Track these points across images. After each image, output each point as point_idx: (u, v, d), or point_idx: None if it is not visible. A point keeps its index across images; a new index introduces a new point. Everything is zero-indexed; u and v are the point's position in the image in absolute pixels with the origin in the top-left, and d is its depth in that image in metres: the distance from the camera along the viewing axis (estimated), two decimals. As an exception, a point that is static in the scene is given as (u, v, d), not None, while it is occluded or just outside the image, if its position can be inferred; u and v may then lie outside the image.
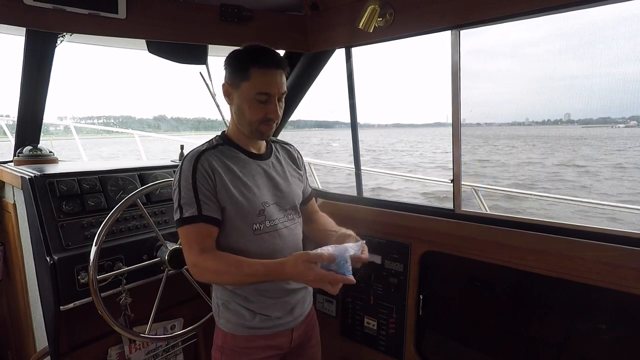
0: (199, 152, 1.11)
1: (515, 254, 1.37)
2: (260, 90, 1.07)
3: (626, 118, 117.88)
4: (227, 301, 1.16)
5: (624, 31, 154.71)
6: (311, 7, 1.75)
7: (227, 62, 1.12)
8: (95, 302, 1.26)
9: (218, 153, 1.13)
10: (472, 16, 1.31)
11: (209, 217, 1.06)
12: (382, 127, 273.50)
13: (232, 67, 1.11)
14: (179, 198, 1.07)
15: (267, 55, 1.09)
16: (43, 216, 1.32)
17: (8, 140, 4.09)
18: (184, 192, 1.07)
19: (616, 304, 1.26)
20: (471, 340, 1.63)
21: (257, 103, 1.08)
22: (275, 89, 1.08)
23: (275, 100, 1.10)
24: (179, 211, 1.07)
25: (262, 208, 1.13)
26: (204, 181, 1.07)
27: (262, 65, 1.07)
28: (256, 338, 1.16)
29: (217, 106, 2.01)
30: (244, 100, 1.09)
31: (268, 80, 1.07)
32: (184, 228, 1.06)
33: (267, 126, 1.12)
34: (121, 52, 14.21)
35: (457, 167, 1.54)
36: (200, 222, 1.05)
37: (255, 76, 1.06)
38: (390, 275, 1.72)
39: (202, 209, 1.05)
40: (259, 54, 1.09)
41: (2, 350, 1.92)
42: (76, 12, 1.41)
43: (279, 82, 1.09)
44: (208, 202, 1.07)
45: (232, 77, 1.11)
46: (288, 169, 1.27)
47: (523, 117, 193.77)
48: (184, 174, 1.08)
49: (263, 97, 1.08)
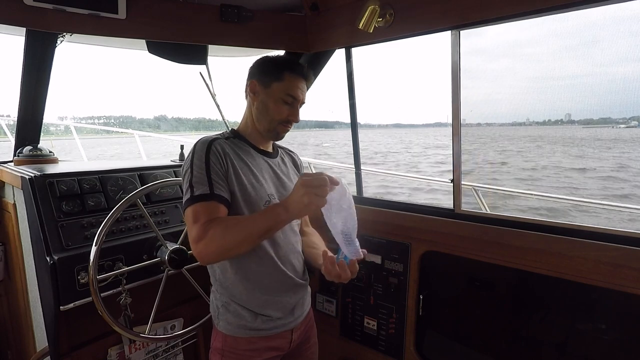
0: (212, 137, 1.15)
1: (515, 254, 1.37)
2: (290, 93, 1.16)
3: (627, 118, 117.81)
4: (226, 302, 1.16)
5: (624, 30, 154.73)
6: (311, 8, 1.75)
7: (260, 64, 1.21)
8: (95, 302, 1.25)
9: (230, 143, 1.18)
10: (472, 16, 1.31)
11: (221, 197, 1.05)
12: (383, 127, 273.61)
13: (265, 67, 1.20)
14: (190, 178, 1.05)
15: (300, 65, 1.21)
16: (43, 216, 1.32)
17: (8, 140, 4.09)
18: (196, 171, 1.06)
19: (616, 304, 1.26)
20: (471, 340, 1.63)
21: (283, 104, 1.17)
22: (301, 94, 1.19)
23: (297, 106, 1.20)
24: (190, 190, 1.04)
25: (268, 199, 1.15)
26: (217, 162, 1.08)
27: (295, 72, 1.18)
28: (257, 340, 1.16)
29: (217, 106, 2.01)
30: (272, 98, 1.17)
31: (298, 85, 1.18)
32: (194, 206, 1.02)
33: (284, 128, 1.20)
34: (122, 52, 14.04)
35: (457, 166, 1.54)
36: (212, 200, 1.03)
37: (288, 79, 1.17)
38: (390, 275, 1.72)
39: (214, 188, 1.04)
40: (294, 63, 1.21)
41: (2, 350, 1.92)
42: (76, 12, 1.41)
43: (304, 91, 1.21)
44: (220, 183, 1.06)
45: (264, 76, 1.18)
46: (291, 173, 1.30)
47: (523, 117, 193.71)
48: (197, 154, 1.09)
49: (290, 99, 1.17)
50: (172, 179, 1.58)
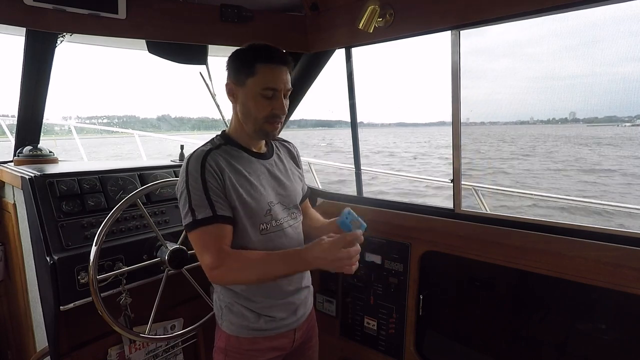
0: (204, 152, 1.08)
1: (515, 254, 1.37)
2: (267, 86, 1.06)
3: (632, 117, 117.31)
4: (230, 303, 1.16)
5: (624, 30, 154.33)
6: (311, 8, 1.75)
7: (231, 61, 1.11)
8: (95, 302, 1.25)
9: (223, 153, 1.11)
10: (472, 16, 1.31)
11: (225, 217, 1.03)
12: (386, 126, 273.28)
13: (236, 64, 1.10)
14: (188, 201, 1.02)
15: (272, 51, 1.08)
16: (43, 216, 1.32)
17: (8, 140, 4.09)
18: (193, 193, 1.02)
19: (616, 304, 1.26)
20: (471, 340, 1.62)
21: (263, 99, 1.07)
22: (281, 84, 1.07)
23: (281, 96, 1.09)
24: (191, 214, 1.01)
25: (268, 208, 1.12)
26: (213, 180, 1.03)
27: (267, 61, 1.06)
28: (260, 340, 1.15)
29: (217, 106, 2.01)
30: (250, 96, 1.07)
31: (274, 75, 1.06)
32: (198, 231, 1.01)
33: (272, 125, 1.10)
34: (126, 52, 13.97)
35: (457, 166, 1.54)
36: (216, 223, 1.01)
37: (261, 71, 1.05)
38: (390, 275, 1.72)
39: (216, 209, 1.01)
40: (264, 50, 1.08)
41: (2, 350, 1.92)
42: (76, 12, 1.41)
43: (285, 78, 1.08)
44: (220, 202, 1.03)
45: (237, 74, 1.09)
46: (289, 167, 1.26)
47: (527, 115, 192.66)
48: (191, 175, 1.04)
49: (269, 93, 1.06)
50: (172, 179, 1.58)
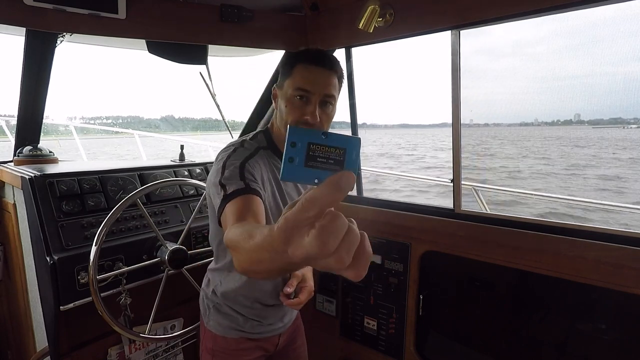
0: (245, 157, 0.97)
1: (515, 253, 1.37)
2: (299, 86, 0.96)
3: (638, 119, 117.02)
4: (218, 304, 1.16)
5: (624, 30, 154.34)
6: (311, 8, 1.75)
7: (279, 64, 1.08)
8: (95, 302, 1.26)
9: (261, 160, 1.01)
10: (472, 16, 1.31)
11: (257, 191, 0.88)
12: (389, 127, 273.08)
13: (281, 67, 1.03)
14: (219, 178, 0.90)
15: (315, 52, 0.99)
16: (43, 216, 1.32)
17: (8, 140, 4.09)
18: (228, 171, 0.90)
19: (616, 304, 1.26)
20: (471, 340, 1.62)
21: (295, 102, 0.96)
22: (316, 87, 0.95)
23: (315, 101, 0.96)
24: (222, 190, 0.87)
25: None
26: (252, 169, 0.93)
27: (306, 61, 0.97)
28: (246, 340, 1.17)
29: (217, 106, 2.01)
30: (284, 99, 0.99)
31: (310, 76, 0.96)
32: (230, 205, 0.83)
33: None
34: (130, 53, 13.66)
35: (457, 166, 1.54)
36: (248, 194, 0.85)
37: (297, 71, 0.97)
38: (390, 275, 1.72)
39: (249, 183, 0.88)
40: (308, 51, 0.99)
41: (2, 350, 1.92)
42: (76, 12, 1.41)
43: (322, 82, 0.96)
44: (255, 181, 0.91)
45: (280, 78, 1.02)
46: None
47: (532, 117, 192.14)
48: (230, 159, 0.94)
49: (301, 93, 0.96)
50: (172, 179, 1.58)
